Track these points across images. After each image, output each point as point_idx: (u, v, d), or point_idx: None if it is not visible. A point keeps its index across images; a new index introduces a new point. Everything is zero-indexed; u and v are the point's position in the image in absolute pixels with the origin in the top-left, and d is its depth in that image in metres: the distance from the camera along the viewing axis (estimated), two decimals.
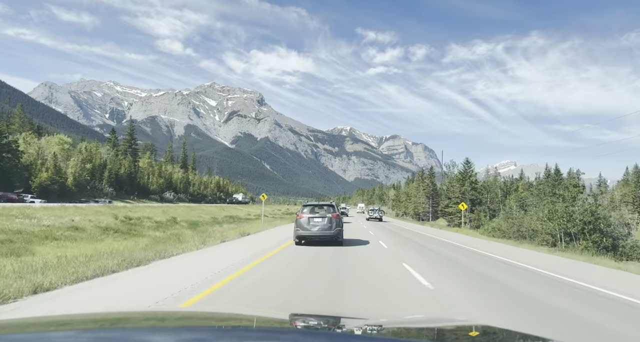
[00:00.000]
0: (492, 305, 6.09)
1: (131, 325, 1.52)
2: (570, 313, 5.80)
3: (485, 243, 20.40)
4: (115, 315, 1.79)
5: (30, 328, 1.40)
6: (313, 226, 14.15)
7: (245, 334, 1.33)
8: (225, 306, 5.25)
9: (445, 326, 1.88)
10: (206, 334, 1.31)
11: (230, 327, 1.50)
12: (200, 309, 3.63)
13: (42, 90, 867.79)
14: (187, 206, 51.80)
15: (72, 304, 5.22)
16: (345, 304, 5.84)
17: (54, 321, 1.55)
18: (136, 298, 5.69)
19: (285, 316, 2.11)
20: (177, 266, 8.84)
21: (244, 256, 10.69)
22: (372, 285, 7.29)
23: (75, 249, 11.35)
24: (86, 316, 1.70)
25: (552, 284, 8.28)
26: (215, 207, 51.81)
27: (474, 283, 7.97)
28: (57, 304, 5.21)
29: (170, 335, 1.28)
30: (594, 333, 4.90)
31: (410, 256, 12.59)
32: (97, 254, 9.19)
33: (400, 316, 3.41)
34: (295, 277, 7.76)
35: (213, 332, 1.34)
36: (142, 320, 1.67)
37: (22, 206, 27.50)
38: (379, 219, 46.75)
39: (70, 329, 1.39)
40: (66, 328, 1.41)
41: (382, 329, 1.65)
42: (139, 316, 1.81)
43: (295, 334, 1.45)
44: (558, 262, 12.77)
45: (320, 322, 1.75)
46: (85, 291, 5.98)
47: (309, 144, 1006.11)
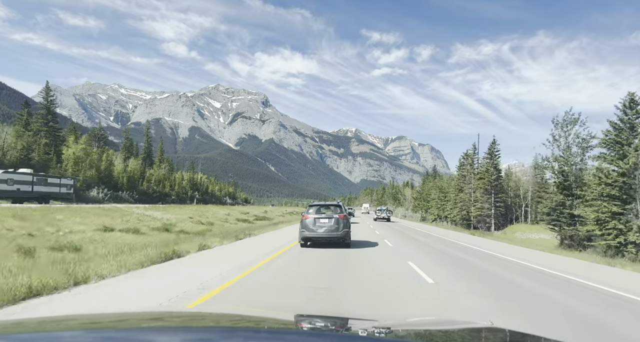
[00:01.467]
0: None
1: (136, 325, 1.51)
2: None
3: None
4: (121, 315, 1.80)
5: (35, 328, 1.38)
6: (319, 227, 13.45)
7: (252, 335, 1.30)
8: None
9: (456, 328, 1.84)
10: (212, 334, 1.29)
11: (237, 328, 1.48)
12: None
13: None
14: (104, 207, 30.50)
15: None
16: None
17: (59, 321, 1.53)
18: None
19: (292, 317, 2.03)
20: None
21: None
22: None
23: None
24: (91, 317, 1.70)
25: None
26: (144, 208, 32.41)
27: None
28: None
29: (176, 335, 1.27)
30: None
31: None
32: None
33: (408, 317, 3.43)
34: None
35: (220, 332, 1.33)
36: (148, 320, 1.66)
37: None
38: (387, 219, 45.23)
39: (76, 329, 1.37)
40: (72, 328, 1.40)
41: (391, 331, 1.62)
42: (145, 316, 1.81)
43: (303, 335, 1.42)
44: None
45: (328, 324, 1.74)
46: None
47: (314, 145, 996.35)
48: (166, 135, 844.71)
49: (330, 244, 13.80)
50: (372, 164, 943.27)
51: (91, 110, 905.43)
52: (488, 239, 24.60)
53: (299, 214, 61.58)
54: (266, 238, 18.29)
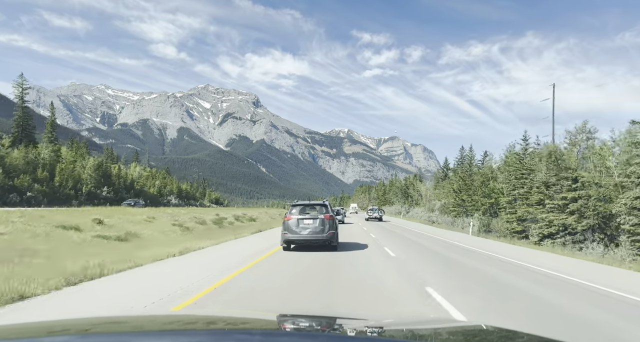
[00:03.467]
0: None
1: (123, 329, 1.47)
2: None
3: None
4: (109, 319, 1.79)
5: (23, 334, 1.34)
6: (303, 229, 12.65)
7: (244, 337, 1.27)
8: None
9: (446, 327, 1.84)
10: (203, 337, 1.27)
11: (229, 330, 1.44)
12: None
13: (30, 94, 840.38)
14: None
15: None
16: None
17: (47, 327, 1.48)
18: None
19: (282, 317, 2.00)
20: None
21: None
22: None
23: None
24: (80, 321, 1.69)
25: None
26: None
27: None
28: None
29: (165, 339, 1.25)
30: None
31: None
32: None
33: (399, 316, 3.31)
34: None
35: (211, 335, 1.30)
36: (134, 324, 1.64)
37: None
38: (379, 219, 44.78)
39: (65, 334, 1.34)
40: (60, 333, 1.36)
41: (383, 330, 1.61)
42: (132, 320, 1.79)
43: (294, 336, 1.40)
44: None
45: (318, 323, 1.73)
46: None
47: (306, 146, 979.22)
48: (154, 136, 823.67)
49: (316, 247, 12.93)
50: (365, 165, 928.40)
51: (76, 111, 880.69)
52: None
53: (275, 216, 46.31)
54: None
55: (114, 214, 22.44)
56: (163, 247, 13.20)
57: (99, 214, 19.96)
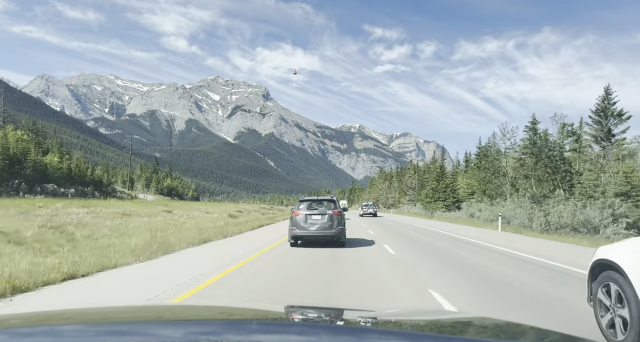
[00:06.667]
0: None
1: (131, 319, 1.48)
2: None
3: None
4: (118, 309, 1.80)
5: (36, 322, 1.35)
6: (311, 225, 12.62)
7: (254, 327, 1.27)
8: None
9: (448, 318, 1.87)
10: (213, 327, 1.27)
11: (238, 320, 1.47)
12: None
13: (39, 84, 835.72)
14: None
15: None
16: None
17: (58, 316, 1.51)
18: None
19: (289, 309, 2.01)
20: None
21: None
22: None
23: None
24: (91, 310, 1.71)
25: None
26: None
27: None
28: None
29: (176, 328, 1.25)
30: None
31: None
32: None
33: (405, 308, 3.47)
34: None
35: (220, 325, 1.31)
36: (142, 314, 1.65)
37: None
38: (374, 215, 44.90)
39: (77, 323, 1.36)
40: (72, 322, 1.38)
41: (391, 321, 1.66)
42: (140, 310, 1.82)
43: (301, 327, 1.43)
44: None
45: (327, 314, 1.77)
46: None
47: (316, 140, 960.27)
48: (161, 128, 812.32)
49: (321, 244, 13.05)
50: (376, 161, 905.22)
51: (85, 101, 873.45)
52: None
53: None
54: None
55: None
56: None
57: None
